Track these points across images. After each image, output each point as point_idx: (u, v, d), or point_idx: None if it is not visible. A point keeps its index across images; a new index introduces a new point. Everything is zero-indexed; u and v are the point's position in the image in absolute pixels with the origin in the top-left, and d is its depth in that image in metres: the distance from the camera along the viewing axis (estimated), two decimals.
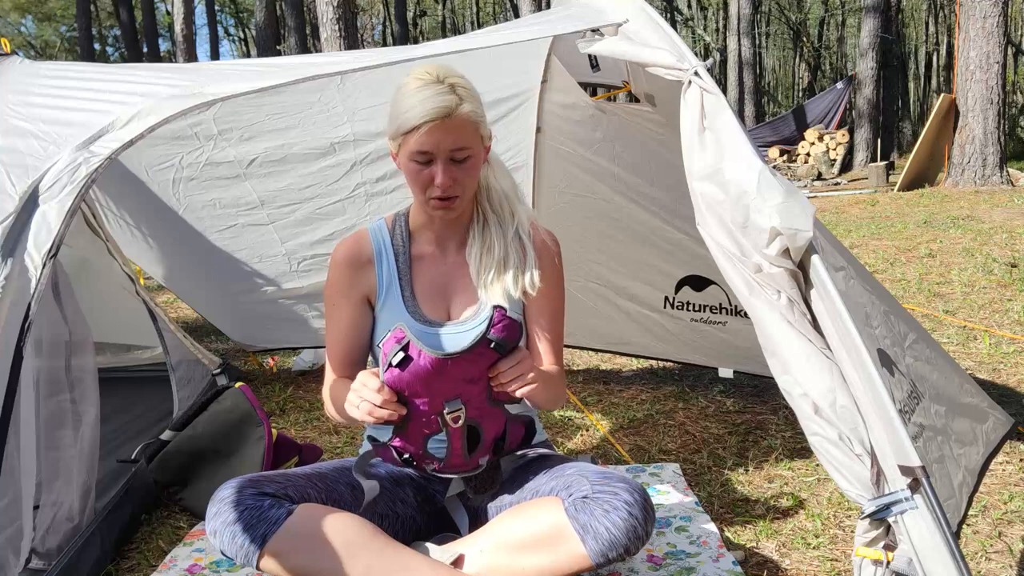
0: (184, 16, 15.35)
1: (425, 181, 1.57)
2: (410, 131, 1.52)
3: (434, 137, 1.51)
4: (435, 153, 1.53)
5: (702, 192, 1.51)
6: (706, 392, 3.22)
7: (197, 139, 2.90)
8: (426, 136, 1.51)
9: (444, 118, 1.51)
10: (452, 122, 1.52)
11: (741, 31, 19.97)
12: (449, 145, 1.53)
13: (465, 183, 1.59)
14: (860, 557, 1.35)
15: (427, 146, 1.52)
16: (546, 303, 1.72)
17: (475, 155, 1.58)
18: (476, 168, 1.61)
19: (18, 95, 2.00)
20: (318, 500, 1.59)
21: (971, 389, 2.01)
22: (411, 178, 1.59)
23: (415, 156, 1.54)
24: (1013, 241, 6.25)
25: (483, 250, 1.69)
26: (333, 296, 1.72)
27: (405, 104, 1.53)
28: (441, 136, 1.52)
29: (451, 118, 1.51)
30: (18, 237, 1.58)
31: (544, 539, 1.49)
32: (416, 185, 1.59)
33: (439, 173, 1.54)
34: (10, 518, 1.63)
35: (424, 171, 1.56)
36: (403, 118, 1.53)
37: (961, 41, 9.98)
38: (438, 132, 1.51)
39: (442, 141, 1.52)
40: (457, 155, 1.55)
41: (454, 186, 1.56)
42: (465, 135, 1.54)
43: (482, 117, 1.59)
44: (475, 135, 1.57)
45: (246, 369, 3.85)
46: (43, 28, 33.11)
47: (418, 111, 1.51)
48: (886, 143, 18.28)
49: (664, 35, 1.66)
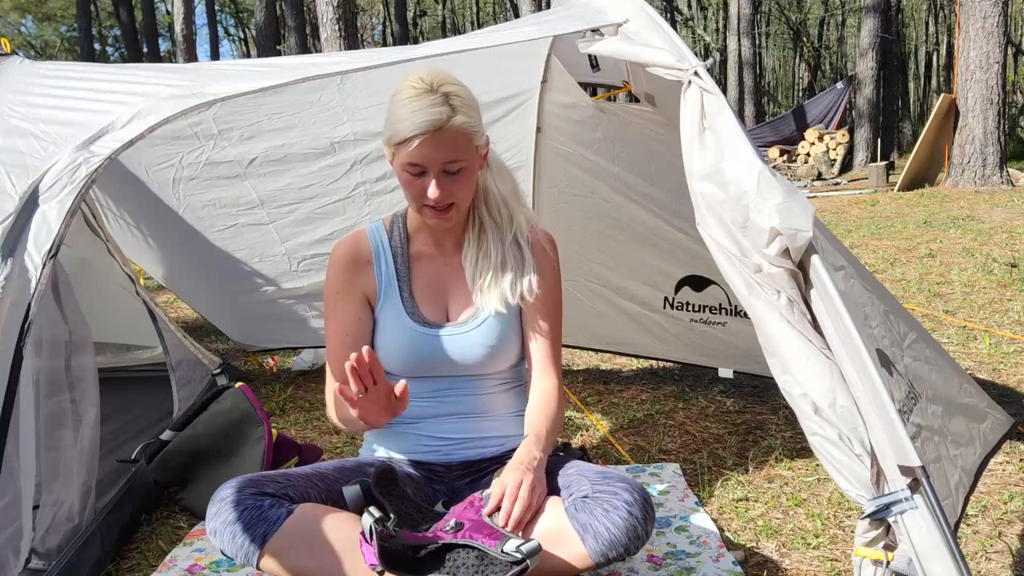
0: (184, 16, 15.36)
1: (419, 192, 1.56)
2: (402, 143, 1.51)
3: (425, 151, 1.50)
4: (427, 166, 1.52)
5: (702, 192, 1.51)
6: (706, 392, 3.22)
7: (197, 139, 2.90)
8: (417, 150, 1.50)
9: (435, 131, 1.49)
10: (444, 135, 1.50)
11: (741, 31, 19.97)
12: (441, 158, 1.52)
13: (459, 194, 1.58)
14: (860, 557, 1.35)
15: (418, 159, 1.51)
16: (544, 308, 1.72)
17: (469, 166, 1.56)
18: (470, 178, 1.59)
19: (18, 95, 2.00)
20: (318, 500, 1.59)
21: (970, 389, 2.01)
22: (405, 187, 1.59)
23: (408, 168, 1.54)
24: (1013, 241, 6.25)
25: (479, 255, 1.68)
26: (332, 296, 1.72)
27: (398, 115, 1.52)
28: (432, 150, 1.50)
29: (443, 131, 1.50)
30: (18, 237, 1.58)
31: (544, 538, 1.49)
32: (410, 195, 1.59)
33: (432, 185, 1.53)
34: (10, 518, 1.63)
35: (417, 182, 1.55)
36: (395, 129, 1.52)
37: (961, 41, 9.98)
38: (429, 146, 1.50)
39: (433, 155, 1.51)
40: (450, 167, 1.53)
41: (448, 197, 1.56)
42: (457, 148, 1.53)
43: (476, 127, 1.56)
44: (468, 146, 1.55)
45: (246, 369, 3.85)
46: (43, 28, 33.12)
47: (409, 124, 1.49)
48: (886, 143, 18.28)
49: (664, 35, 1.66)
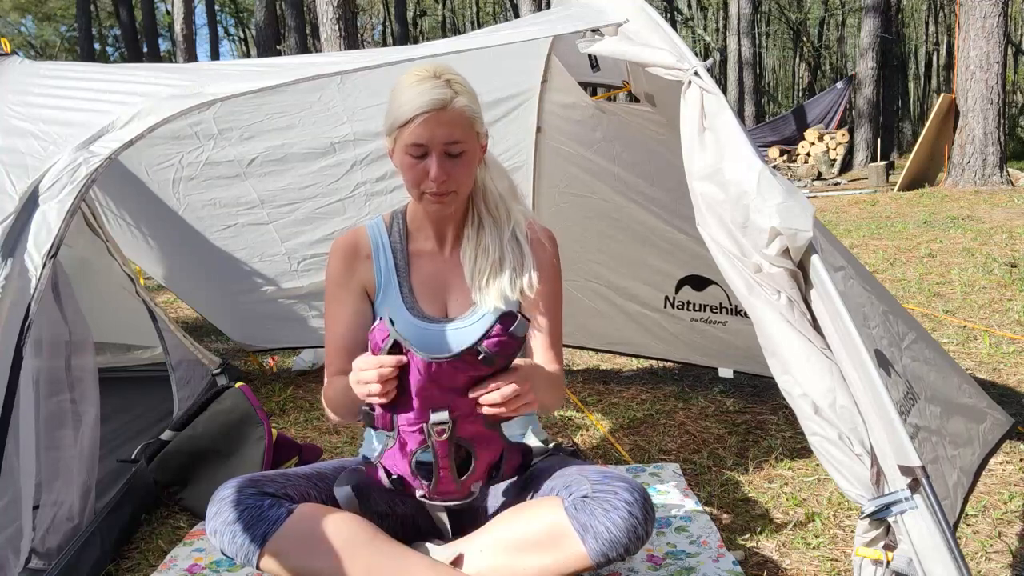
0: (184, 16, 15.35)
1: (419, 175, 1.57)
2: (405, 124, 1.54)
3: (428, 129, 1.53)
4: (429, 145, 1.54)
5: (702, 192, 1.51)
6: (706, 392, 3.22)
7: (197, 138, 2.90)
8: (421, 128, 1.52)
9: (439, 110, 1.52)
10: (447, 114, 1.53)
11: (741, 31, 19.97)
12: (443, 137, 1.54)
13: (460, 179, 1.59)
14: (860, 557, 1.35)
15: (422, 138, 1.53)
16: (544, 303, 1.72)
17: (470, 150, 1.59)
18: (471, 164, 1.61)
19: (18, 95, 2.00)
20: (318, 500, 1.59)
21: (970, 389, 2.01)
22: (406, 172, 1.60)
23: (410, 149, 1.56)
24: (1013, 241, 6.25)
25: (477, 252, 1.69)
26: (332, 289, 1.72)
27: (401, 98, 1.55)
28: (435, 128, 1.53)
29: (446, 111, 1.53)
30: (18, 237, 1.58)
31: (544, 539, 1.49)
32: (411, 180, 1.60)
33: (433, 166, 1.55)
34: (10, 518, 1.63)
35: (419, 165, 1.57)
36: (399, 111, 1.54)
37: (961, 41, 9.98)
38: (432, 123, 1.53)
39: (436, 133, 1.53)
40: (452, 149, 1.55)
41: (449, 180, 1.57)
42: (460, 128, 1.55)
43: (477, 114, 1.60)
44: (470, 130, 1.57)
45: (246, 369, 3.85)
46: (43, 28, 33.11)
47: (413, 103, 1.52)
48: (886, 143, 18.27)
49: (664, 35, 1.66)
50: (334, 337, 1.71)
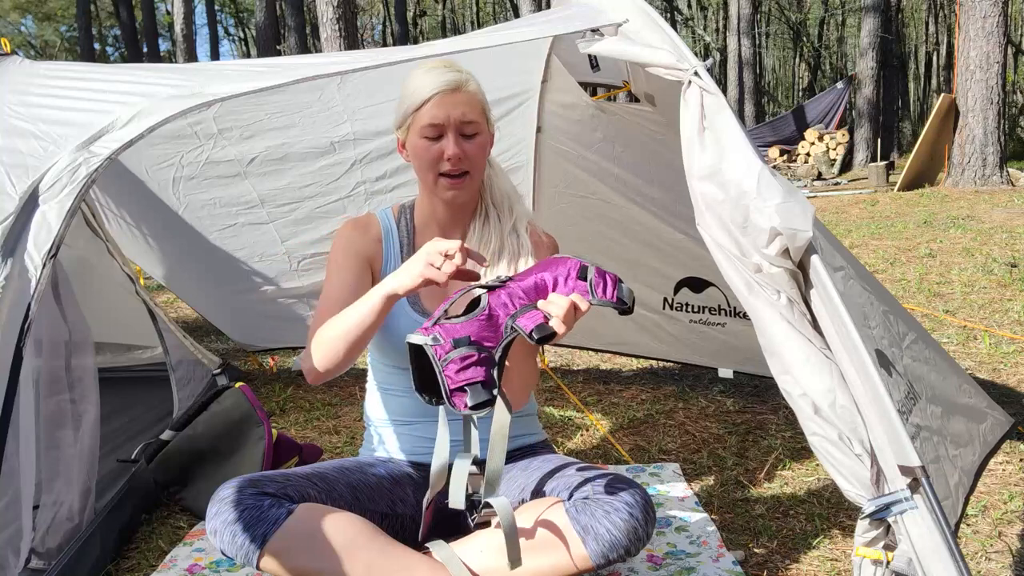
0: (184, 16, 15.37)
1: (435, 157, 1.61)
2: (421, 106, 1.59)
3: (444, 108, 1.58)
4: (445, 124, 1.59)
5: (702, 192, 1.51)
6: (706, 392, 3.22)
7: (197, 138, 2.90)
8: (436, 108, 1.58)
9: (454, 90, 1.59)
10: (462, 95, 1.60)
11: (741, 31, 19.96)
12: (459, 116, 1.59)
13: (474, 160, 1.63)
14: (860, 557, 1.35)
15: (437, 118, 1.58)
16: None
17: (483, 134, 1.64)
18: (484, 148, 1.65)
19: (18, 95, 2.00)
20: (318, 500, 1.59)
21: (970, 389, 2.01)
22: (421, 156, 1.62)
23: (425, 131, 1.59)
24: (1013, 241, 6.25)
25: (480, 244, 1.71)
26: (338, 257, 1.71)
27: (414, 84, 1.61)
28: (451, 107, 1.58)
29: (460, 91, 1.60)
30: (18, 237, 1.58)
31: (545, 540, 1.49)
32: (427, 162, 1.62)
33: (450, 144, 1.59)
34: (10, 518, 1.63)
35: (434, 147, 1.60)
36: (413, 95, 1.60)
37: (961, 41, 9.97)
38: (448, 103, 1.58)
39: (452, 112, 1.58)
40: (466, 129, 1.60)
41: (464, 159, 1.60)
42: (474, 109, 1.61)
43: (487, 103, 1.66)
44: (482, 114, 1.64)
45: (246, 369, 3.85)
46: (43, 28, 33.11)
47: (429, 86, 1.58)
48: (886, 143, 18.27)
49: (664, 35, 1.66)
50: (331, 301, 1.64)
